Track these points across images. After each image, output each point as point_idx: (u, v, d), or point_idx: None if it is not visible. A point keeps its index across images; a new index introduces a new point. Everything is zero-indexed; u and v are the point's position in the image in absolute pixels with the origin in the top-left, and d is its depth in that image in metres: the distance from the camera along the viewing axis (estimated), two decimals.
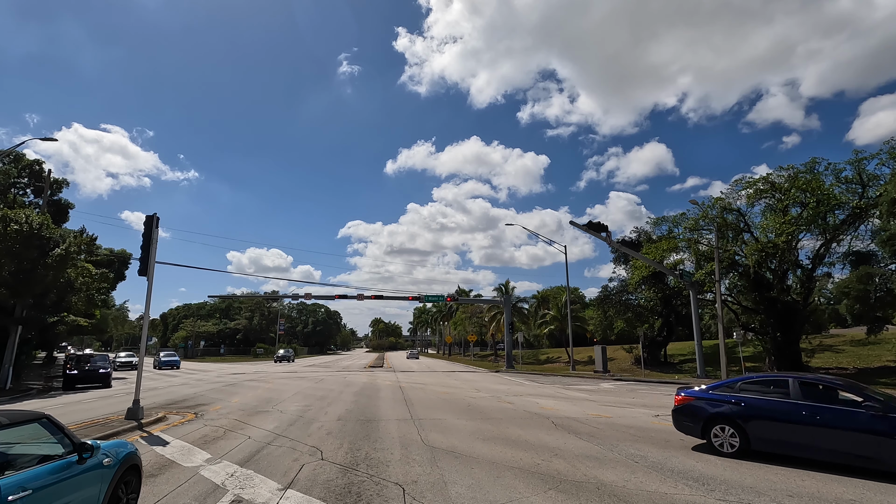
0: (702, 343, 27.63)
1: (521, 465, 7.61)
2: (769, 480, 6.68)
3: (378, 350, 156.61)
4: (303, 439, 9.83)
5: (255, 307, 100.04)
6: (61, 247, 22.83)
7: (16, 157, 33.27)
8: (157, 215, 14.14)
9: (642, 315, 37.46)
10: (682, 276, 29.02)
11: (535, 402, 16.56)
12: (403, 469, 7.38)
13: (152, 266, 13.76)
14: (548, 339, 63.26)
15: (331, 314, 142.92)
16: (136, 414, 12.42)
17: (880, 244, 23.21)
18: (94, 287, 28.42)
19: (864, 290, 22.50)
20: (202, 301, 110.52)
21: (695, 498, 5.93)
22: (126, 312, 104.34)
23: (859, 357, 28.36)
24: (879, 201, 21.82)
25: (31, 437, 4.35)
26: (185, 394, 20.56)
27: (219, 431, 10.93)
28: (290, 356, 63.50)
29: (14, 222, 20.79)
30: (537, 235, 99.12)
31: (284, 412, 14.10)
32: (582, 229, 32.54)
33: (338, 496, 6.07)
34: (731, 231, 28.47)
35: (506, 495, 6.06)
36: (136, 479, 5.33)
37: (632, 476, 6.89)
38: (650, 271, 31.84)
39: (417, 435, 10.21)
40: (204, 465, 7.76)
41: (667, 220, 33.21)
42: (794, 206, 26.29)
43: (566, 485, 6.50)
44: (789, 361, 25.61)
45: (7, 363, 22.94)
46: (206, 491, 6.36)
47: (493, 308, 59.93)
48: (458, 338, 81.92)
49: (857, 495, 6.03)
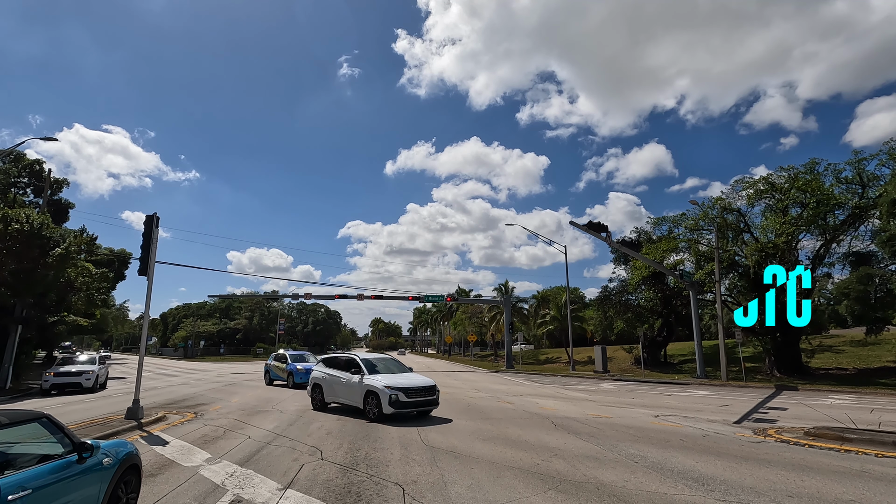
0: (702, 343, 27.58)
1: (521, 465, 7.60)
2: (769, 480, 6.68)
3: (378, 350, 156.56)
4: (302, 439, 9.83)
5: (254, 307, 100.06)
6: (61, 246, 22.80)
7: (16, 157, 33.27)
8: (157, 215, 14.14)
9: (642, 315, 37.42)
10: (682, 276, 28.98)
11: (535, 402, 16.56)
12: (403, 469, 7.38)
13: (152, 266, 13.75)
14: (548, 339, 63.23)
15: (331, 314, 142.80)
16: (135, 413, 12.41)
17: (880, 245, 23.19)
18: (94, 287, 28.36)
19: (863, 290, 22.49)
20: (202, 301, 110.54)
21: (695, 498, 5.93)
22: (126, 312, 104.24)
23: (859, 357, 28.34)
24: (879, 202, 21.81)
25: (30, 437, 4.34)
26: (184, 393, 20.55)
27: (218, 431, 10.93)
28: None
29: (15, 222, 20.77)
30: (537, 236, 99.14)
31: (284, 412, 14.10)
32: (582, 229, 32.49)
33: (338, 496, 6.06)
34: (731, 231, 28.45)
35: (506, 495, 6.06)
36: (135, 478, 5.32)
37: (632, 476, 6.88)
38: (650, 271, 31.80)
39: (417, 435, 10.20)
40: (204, 464, 7.75)
41: (667, 221, 33.20)
42: (794, 207, 26.28)
43: (566, 485, 6.49)
44: (789, 362, 25.59)
45: (7, 363, 22.92)
46: (206, 491, 6.36)
47: (493, 308, 59.90)
48: (457, 338, 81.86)
49: (856, 495, 6.02)
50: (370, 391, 12.31)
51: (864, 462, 7.77)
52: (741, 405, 15.34)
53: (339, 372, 14.08)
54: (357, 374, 13.22)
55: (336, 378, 14.05)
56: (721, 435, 10.07)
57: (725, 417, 12.59)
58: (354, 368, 13.56)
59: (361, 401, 12.59)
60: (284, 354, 24.19)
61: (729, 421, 12.08)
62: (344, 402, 13.67)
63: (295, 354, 24.19)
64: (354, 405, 13.04)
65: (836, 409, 14.08)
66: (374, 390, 12.18)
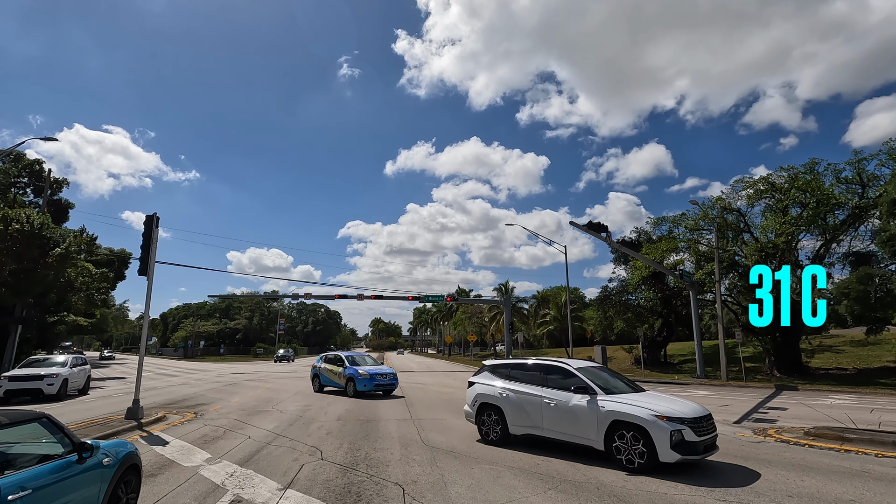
0: (702, 343, 27.58)
1: (521, 465, 7.60)
2: (769, 481, 6.68)
3: (378, 350, 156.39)
4: (302, 439, 9.83)
5: (254, 307, 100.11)
6: (61, 246, 22.81)
7: (16, 157, 33.28)
8: (157, 215, 14.13)
9: (642, 315, 37.41)
10: (682, 276, 28.98)
11: None
12: (403, 469, 7.37)
13: (152, 266, 13.75)
14: (548, 339, 63.22)
15: (331, 314, 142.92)
16: (135, 413, 12.41)
17: (880, 244, 23.19)
18: (94, 287, 28.38)
19: (863, 290, 22.46)
20: (202, 301, 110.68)
21: (695, 498, 5.93)
22: (126, 312, 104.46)
23: (859, 357, 28.35)
24: (879, 202, 21.81)
25: (30, 437, 4.34)
26: (184, 393, 20.55)
27: (218, 431, 10.93)
28: (290, 356, 63.48)
29: (15, 221, 20.77)
30: (537, 236, 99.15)
31: (284, 412, 14.10)
32: (582, 230, 32.47)
33: (337, 496, 6.06)
34: (731, 231, 28.47)
35: (505, 495, 6.06)
36: (135, 478, 5.32)
37: (632, 476, 6.88)
38: (650, 271, 31.80)
39: (417, 435, 10.21)
40: (204, 464, 7.75)
41: (667, 221, 33.21)
42: (793, 207, 26.29)
43: (566, 485, 6.49)
44: (789, 362, 25.59)
45: (7, 362, 22.93)
46: (206, 491, 6.35)
47: (493, 308, 59.92)
48: (458, 338, 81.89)
49: (856, 495, 6.02)
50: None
51: (864, 462, 7.77)
52: (741, 405, 15.34)
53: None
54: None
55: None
56: (721, 435, 10.01)
57: (725, 417, 12.58)
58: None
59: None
60: (340, 356, 20.32)
61: (729, 421, 12.08)
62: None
63: (352, 356, 20.50)
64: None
65: (836, 409, 14.09)
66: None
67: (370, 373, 18.34)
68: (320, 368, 21.00)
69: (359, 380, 18.19)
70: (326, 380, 20.34)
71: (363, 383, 18.10)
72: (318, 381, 20.84)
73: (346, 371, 18.91)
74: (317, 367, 21.44)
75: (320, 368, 21.00)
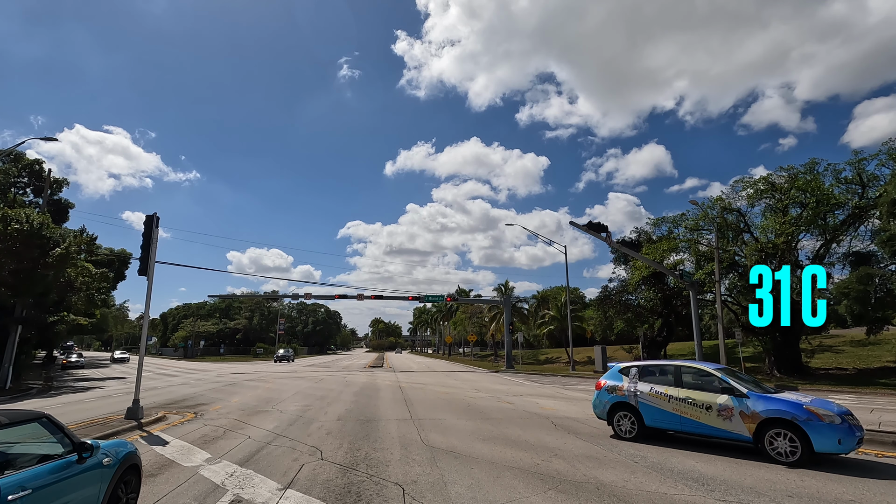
0: (702, 343, 27.54)
1: (521, 465, 7.60)
2: (769, 480, 6.68)
3: (378, 350, 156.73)
4: (302, 439, 9.83)
5: (254, 307, 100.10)
6: (61, 246, 22.80)
7: (16, 157, 33.26)
8: (157, 215, 14.14)
9: (642, 315, 37.42)
10: (682, 276, 28.95)
11: (535, 402, 16.55)
12: (403, 469, 7.37)
13: (152, 266, 13.75)
14: (548, 339, 63.18)
15: (331, 314, 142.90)
16: (135, 413, 12.41)
17: (880, 244, 23.17)
18: (94, 287, 28.36)
19: (863, 290, 22.44)
20: (202, 301, 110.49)
21: (695, 498, 5.93)
22: (126, 312, 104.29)
23: (859, 357, 28.35)
24: (879, 202, 21.80)
25: (30, 437, 4.34)
26: (184, 393, 20.54)
27: (218, 431, 10.93)
28: (290, 356, 63.48)
29: (15, 221, 20.77)
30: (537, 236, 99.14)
31: (284, 412, 14.09)
32: (582, 230, 32.44)
33: (337, 496, 6.06)
34: (731, 231, 28.44)
35: (505, 495, 6.06)
36: (135, 478, 5.32)
37: (632, 476, 6.88)
38: (650, 271, 31.79)
39: (417, 435, 10.20)
40: (204, 464, 7.75)
41: (666, 221, 33.17)
42: (793, 207, 26.26)
43: (566, 485, 6.49)
44: (789, 361, 25.58)
45: (7, 362, 22.93)
46: (206, 491, 6.35)
47: (493, 308, 59.90)
48: (458, 338, 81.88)
49: (856, 495, 6.02)
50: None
51: (864, 462, 7.77)
52: None
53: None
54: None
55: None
56: None
57: None
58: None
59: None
60: (701, 369, 9.62)
61: None
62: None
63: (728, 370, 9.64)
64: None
65: None
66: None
67: (839, 413, 7.73)
68: (640, 393, 9.80)
69: (823, 430, 7.50)
70: (661, 414, 9.46)
71: (834, 436, 7.40)
72: (636, 415, 9.77)
73: (751, 405, 8.30)
74: (626, 390, 10.01)
75: (640, 393, 9.80)
